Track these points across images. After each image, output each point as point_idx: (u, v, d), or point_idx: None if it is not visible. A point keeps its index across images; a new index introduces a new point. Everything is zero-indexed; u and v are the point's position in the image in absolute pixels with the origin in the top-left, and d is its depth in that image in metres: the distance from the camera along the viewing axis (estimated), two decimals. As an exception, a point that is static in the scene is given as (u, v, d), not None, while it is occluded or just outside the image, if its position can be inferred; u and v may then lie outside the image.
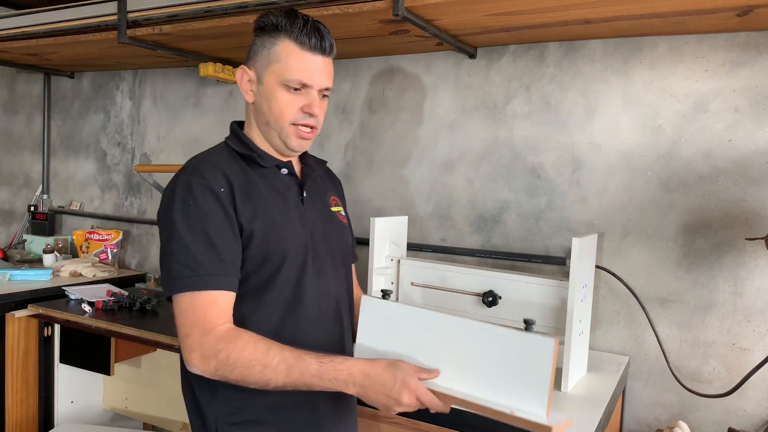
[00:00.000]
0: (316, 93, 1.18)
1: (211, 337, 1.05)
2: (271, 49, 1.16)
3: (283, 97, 1.16)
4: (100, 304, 2.30)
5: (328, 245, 1.27)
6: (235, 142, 1.23)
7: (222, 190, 1.12)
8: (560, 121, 2.00)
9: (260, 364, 1.03)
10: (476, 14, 1.72)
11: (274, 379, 1.04)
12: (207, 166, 1.16)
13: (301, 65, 1.14)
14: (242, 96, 2.78)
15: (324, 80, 1.18)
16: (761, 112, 1.72)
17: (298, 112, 1.17)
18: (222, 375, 1.05)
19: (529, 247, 2.06)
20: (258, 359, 1.04)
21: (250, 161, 1.21)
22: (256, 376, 1.04)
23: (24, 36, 2.50)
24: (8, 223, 3.62)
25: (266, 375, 1.03)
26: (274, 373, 1.03)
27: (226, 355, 1.04)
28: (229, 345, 1.04)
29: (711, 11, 1.57)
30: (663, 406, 1.86)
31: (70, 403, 2.48)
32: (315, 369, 1.04)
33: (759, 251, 1.72)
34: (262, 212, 1.16)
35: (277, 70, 1.15)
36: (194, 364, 1.06)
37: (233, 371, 1.04)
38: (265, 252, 1.15)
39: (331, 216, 1.32)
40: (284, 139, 1.20)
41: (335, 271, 1.29)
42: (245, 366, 1.03)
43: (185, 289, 1.07)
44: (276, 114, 1.17)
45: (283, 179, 1.25)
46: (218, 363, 1.04)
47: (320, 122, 1.22)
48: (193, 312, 1.06)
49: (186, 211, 1.10)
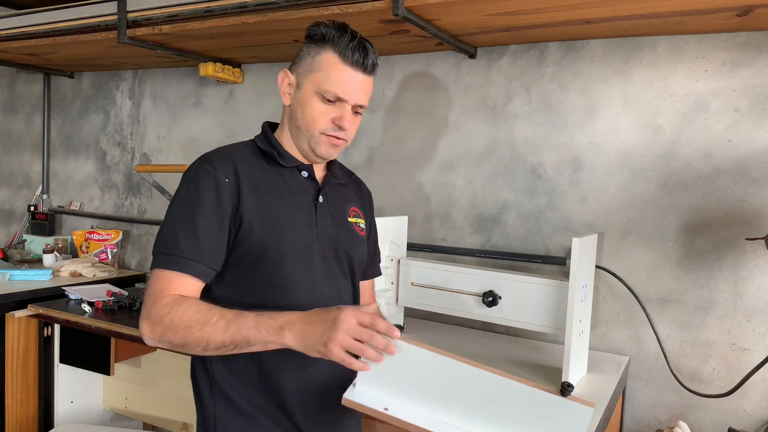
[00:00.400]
0: (349, 108, 1.19)
1: (159, 304, 1.07)
2: (315, 57, 1.18)
3: (316, 106, 1.18)
4: (100, 304, 2.30)
5: (337, 252, 1.27)
6: (261, 140, 1.26)
7: (226, 181, 1.14)
8: (560, 121, 2.00)
9: (199, 323, 1.04)
10: (476, 14, 1.72)
11: (213, 337, 1.03)
12: (221, 155, 1.19)
13: (339, 78, 1.16)
14: (242, 96, 2.79)
15: (359, 97, 1.19)
16: (761, 112, 1.72)
17: (329, 122, 1.19)
18: (168, 340, 1.06)
19: (529, 247, 2.06)
20: (197, 319, 1.04)
21: (271, 159, 1.24)
22: (195, 336, 1.04)
23: (24, 36, 2.50)
24: (8, 223, 3.62)
25: (205, 333, 1.03)
26: (213, 330, 1.03)
27: (170, 319, 1.05)
28: (173, 309, 1.06)
29: (711, 11, 1.57)
30: (663, 406, 1.86)
31: (70, 403, 2.48)
32: (252, 321, 1.03)
33: (759, 251, 1.72)
34: (266, 209, 1.17)
35: (316, 78, 1.17)
36: (145, 333, 1.08)
37: (177, 334, 1.05)
38: (262, 248, 1.16)
39: (347, 225, 1.31)
40: (313, 146, 1.22)
41: (342, 278, 1.28)
42: (186, 327, 1.04)
43: (157, 265, 1.12)
44: (308, 120, 1.19)
45: (301, 181, 1.26)
46: (163, 328, 1.06)
47: (350, 136, 1.22)
48: (153, 285, 1.10)
49: (185, 193, 1.15)
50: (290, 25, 1.93)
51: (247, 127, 2.69)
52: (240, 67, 2.67)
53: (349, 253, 1.29)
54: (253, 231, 1.15)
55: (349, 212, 1.34)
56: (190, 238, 1.11)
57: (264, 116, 2.64)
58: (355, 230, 1.33)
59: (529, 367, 1.74)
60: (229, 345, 1.04)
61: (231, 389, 1.18)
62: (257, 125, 2.73)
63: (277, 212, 1.18)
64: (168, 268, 1.10)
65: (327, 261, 1.24)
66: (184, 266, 1.10)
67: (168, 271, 1.10)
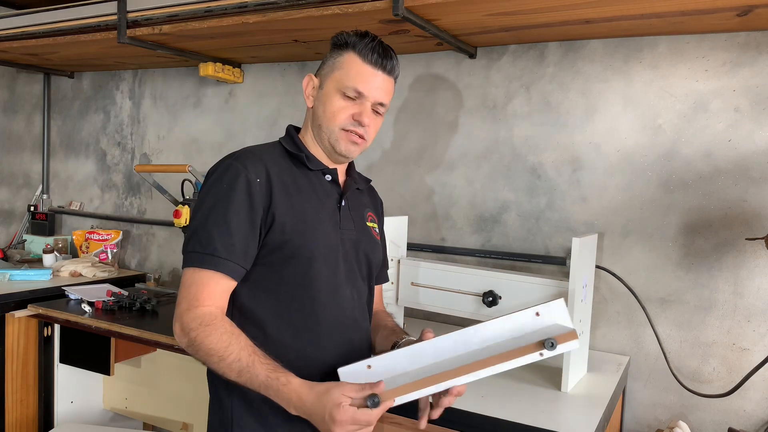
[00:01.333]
0: (368, 105, 1.22)
1: (192, 314, 1.11)
2: (337, 59, 1.23)
3: (337, 102, 1.22)
4: (100, 304, 2.30)
5: (358, 255, 1.29)
6: (287, 142, 1.29)
7: (258, 180, 1.16)
8: (560, 121, 2.00)
9: (217, 356, 1.08)
10: (476, 14, 1.72)
11: (228, 374, 1.09)
12: (251, 155, 1.21)
13: (359, 75, 1.21)
14: (242, 96, 2.78)
15: (379, 94, 1.23)
16: (761, 112, 1.72)
17: (349, 118, 1.22)
18: (192, 352, 1.12)
19: (529, 247, 2.06)
20: (216, 351, 1.08)
21: (298, 162, 1.26)
22: (214, 365, 1.10)
23: (24, 36, 2.50)
24: (8, 223, 3.62)
25: (222, 368, 1.08)
26: (228, 369, 1.08)
27: (194, 336, 1.09)
28: (199, 328, 1.09)
29: (711, 11, 1.57)
30: (663, 406, 1.85)
31: (70, 403, 2.48)
32: (263, 381, 1.07)
33: (759, 251, 1.72)
34: (297, 209, 1.19)
35: (337, 77, 1.22)
36: (176, 333, 1.13)
37: (197, 353, 1.11)
38: (293, 247, 1.18)
39: (366, 229, 1.35)
40: (333, 143, 1.25)
41: (361, 281, 1.31)
42: (206, 353, 1.09)
43: (191, 264, 1.13)
44: (329, 116, 1.23)
45: (326, 185, 1.28)
46: (189, 341, 1.10)
47: (370, 135, 1.25)
48: (189, 285, 1.13)
49: (217, 192, 1.16)
50: (290, 25, 1.93)
51: (247, 127, 2.69)
52: (240, 67, 2.67)
53: (369, 256, 1.32)
54: (285, 231, 1.17)
55: (367, 217, 1.38)
56: (224, 237, 1.12)
57: (264, 116, 2.64)
58: (373, 234, 1.37)
59: (529, 367, 1.74)
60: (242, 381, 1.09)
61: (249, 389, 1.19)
62: (257, 125, 2.75)
63: (307, 213, 1.21)
64: (203, 267, 1.12)
65: (349, 263, 1.26)
66: (218, 265, 1.12)
67: (203, 270, 1.12)
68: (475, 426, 1.38)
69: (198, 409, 2.31)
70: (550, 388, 1.57)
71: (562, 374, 1.55)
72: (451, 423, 1.40)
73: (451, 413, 1.40)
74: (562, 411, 1.44)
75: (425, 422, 1.13)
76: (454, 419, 1.40)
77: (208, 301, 1.12)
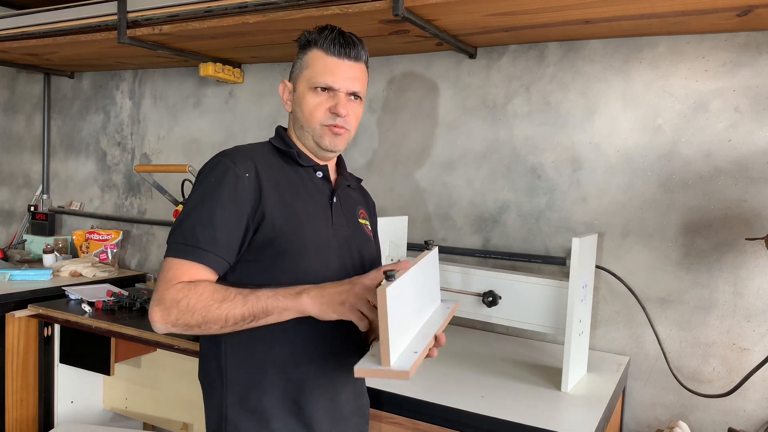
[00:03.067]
0: (343, 95, 1.23)
1: (173, 289, 1.09)
2: (303, 59, 1.26)
3: (311, 100, 1.23)
4: (100, 304, 2.30)
5: (351, 251, 1.30)
6: (277, 141, 1.31)
7: (247, 176, 1.17)
8: (560, 121, 2.00)
9: (218, 302, 1.07)
10: (476, 14, 1.72)
11: (232, 312, 1.07)
12: (241, 152, 1.22)
13: (326, 69, 1.22)
14: (242, 96, 2.79)
15: (349, 84, 1.23)
16: (761, 112, 1.72)
17: (326, 112, 1.23)
18: (184, 323, 1.08)
19: (529, 247, 2.06)
20: (216, 298, 1.08)
21: (289, 159, 1.27)
22: (214, 313, 1.07)
23: (24, 36, 2.50)
24: (8, 223, 3.62)
25: (224, 309, 1.07)
26: (232, 305, 1.07)
27: (187, 302, 1.07)
28: (189, 293, 1.08)
29: (711, 11, 1.57)
30: (663, 406, 1.85)
31: (70, 403, 2.48)
32: (270, 291, 1.08)
33: (759, 251, 1.72)
34: (287, 205, 1.20)
35: (306, 76, 1.24)
36: (156, 320, 1.09)
37: (194, 315, 1.07)
38: (284, 243, 1.18)
39: (358, 225, 1.35)
40: (317, 140, 1.26)
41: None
42: (204, 307, 1.07)
43: (172, 254, 1.13)
44: (307, 116, 1.24)
45: (317, 182, 1.29)
46: (179, 311, 1.07)
47: (351, 124, 1.26)
48: (166, 272, 1.12)
49: (205, 187, 1.17)
50: (290, 25, 1.93)
51: (247, 127, 2.69)
52: (240, 67, 2.67)
53: (362, 253, 1.33)
54: (275, 226, 1.17)
55: (359, 214, 1.38)
56: (207, 229, 1.13)
57: (264, 116, 2.64)
58: (366, 231, 1.38)
59: (529, 367, 1.74)
60: (248, 317, 1.08)
61: (244, 386, 1.19)
62: (257, 125, 2.75)
63: (298, 209, 1.21)
64: (183, 258, 1.12)
65: (342, 259, 1.26)
66: (199, 257, 1.11)
67: (183, 260, 1.12)
68: (475, 426, 1.38)
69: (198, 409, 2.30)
70: (550, 388, 1.57)
71: (562, 374, 1.55)
72: (451, 423, 1.41)
73: (451, 413, 1.41)
74: (562, 411, 1.44)
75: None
76: (454, 419, 1.40)
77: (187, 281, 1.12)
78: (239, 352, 1.19)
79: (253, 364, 1.19)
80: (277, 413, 1.18)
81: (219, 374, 1.21)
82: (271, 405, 1.18)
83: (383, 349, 0.97)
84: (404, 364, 0.98)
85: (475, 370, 1.70)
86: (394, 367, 0.97)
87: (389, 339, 0.95)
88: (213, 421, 1.23)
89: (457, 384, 1.57)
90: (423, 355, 1.04)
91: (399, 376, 0.96)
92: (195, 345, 1.92)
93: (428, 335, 1.11)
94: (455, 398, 1.45)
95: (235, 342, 1.19)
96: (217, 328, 1.08)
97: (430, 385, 1.53)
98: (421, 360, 1.02)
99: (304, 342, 1.19)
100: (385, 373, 0.97)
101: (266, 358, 1.18)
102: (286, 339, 1.18)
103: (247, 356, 1.18)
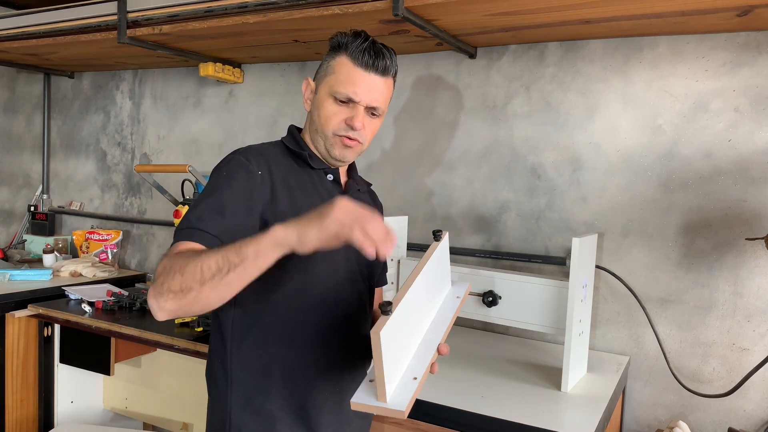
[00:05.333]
0: (362, 109, 1.21)
1: (165, 259, 1.02)
2: (330, 62, 1.22)
3: (330, 107, 1.21)
4: (100, 304, 2.30)
5: (358, 255, 1.27)
6: (289, 141, 1.29)
7: (259, 173, 1.16)
8: (560, 121, 2.00)
9: (194, 256, 0.98)
10: (476, 14, 1.72)
11: (207, 262, 0.95)
12: (254, 150, 1.21)
13: (350, 79, 1.19)
14: (242, 95, 2.79)
15: (371, 98, 1.20)
16: (761, 112, 1.72)
17: (342, 123, 1.21)
18: (168, 287, 0.97)
19: (529, 247, 2.06)
20: (193, 255, 0.99)
21: (300, 160, 1.26)
22: (190, 267, 0.96)
23: (24, 36, 2.50)
24: (8, 223, 3.62)
25: (199, 262, 0.95)
26: (206, 255, 0.96)
27: (170, 265, 0.99)
28: (173, 258, 1.01)
29: (711, 11, 1.57)
30: (663, 406, 1.86)
31: (70, 403, 2.48)
32: (245, 239, 0.97)
33: (759, 251, 1.72)
34: (298, 205, 1.18)
35: (329, 81, 1.21)
36: (150, 296, 1.00)
37: (174, 276, 0.96)
38: None
39: None
40: (328, 148, 1.24)
41: (361, 281, 1.30)
42: (182, 265, 0.97)
43: (177, 239, 1.07)
44: (322, 122, 1.22)
45: (327, 184, 1.28)
46: (164, 277, 0.97)
47: (365, 138, 1.24)
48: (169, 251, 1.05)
49: (217, 180, 1.15)
50: (290, 25, 1.93)
51: (247, 127, 2.69)
52: (240, 67, 2.67)
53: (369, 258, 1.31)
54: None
55: None
56: (216, 218, 1.10)
57: (264, 116, 2.64)
58: None
59: (529, 367, 1.74)
60: (223, 267, 0.95)
61: (249, 387, 1.19)
62: (257, 125, 2.75)
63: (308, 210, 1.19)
64: (190, 240, 1.06)
65: (350, 263, 1.26)
66: (203, 239, 1.06)
67: (189, 242, 1.06)
68: (475, 426, 1.38)
69: (198, 409, 2.31)
70: (550, 388, 1.57)
71: (562, 374, 1.55)
72: (451, 423, 1.41)
73: (451, 413, 1.41)
74: (562, 411, 1.44)
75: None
76: (454, 419, 1.40)
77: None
78: (244, 351, 1.18)
79: (258, 367, 1.18)
80: (283, 417, 1.18)
81: (224, 374, 1.21)
82: (277, 408, 1.18)
83: (379, 384, 0.93)
84: (401, 399, 0.95)
85: (475, 370, 1.70)
86: (390, 405, 0.93)
87: (384, 377, 0.92)
88: (216, 420, 1.23)
89: (457, 384, 1.57)
90: (424, 379, 1.00)
91: (394, 414, 0.93)
92: (195, 345, 1.92)
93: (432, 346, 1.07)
94: (455, 398, 1.45)
95: (240, 342, 1.18)
96: (197, 285, 0.95)
97: (430, 385, 1.53)
98: (422, 384, 0.99)
99: (309, 345, 1.19)
100: (380, 409, 0.94)
101: (272, 361, 1.18)
102: (291, 342, 1.18)
103: (253, 358, 1.18)
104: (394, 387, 0.97)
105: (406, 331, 1.04)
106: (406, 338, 1.03)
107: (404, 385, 0.98)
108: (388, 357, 0.93)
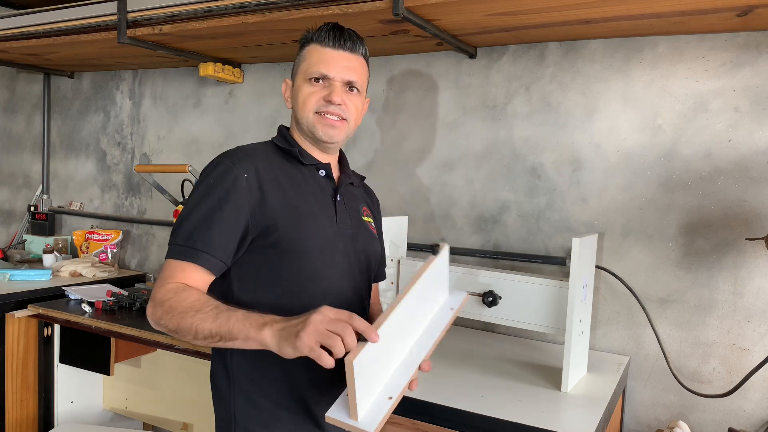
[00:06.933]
0: (338, 84, 1.23)
1: (164, 288, 1.10)
2: (301, 54, 1.27)
3: (306, 89, 1.24)
4: (100, 304, 2.30)
5: (356, 249, 1.29)
6: (279, 140, 1.30)
7: (246, 176, 1.16)
8: (560, 121, 2.00)
9: (193, 310, 1.05)
10: (476, 14, 1.72)
11: (202, 325, 1.03)
12: (241, 153, 1.22)
13: (320, 59, 1.23)
14: (242, 95, 2.78)
15: (344, 73, 1.23)
16: (761, 112, 1.72)
17: (319, 100, 1.23)
18: (164, 324, 1.08)
19: (529, 247, 2.06)
20: (193, 307, 1.05)
21: (291, 157, 1.27)
22: (187, 322, 1.04)
23: (24, 36, 2.50)
24: (8, 223, 3.62)
25: (196, 321, 1.03)
26: (203, 318, 1.03)
27: (170, 304, 1.07)
28: (175, 295, 1.08)
29: (711, 11, 1.57)
30: (663, 406, 1.85)
31: (70, 403, 2.48)
32: (241, 315, 1.02)
33: (759, 251, 1.72)
34: (290, 203, 1.19)
35: (303, 69, 1.25)
36: (148, 314, 1.11)
37: (172, 319, 1.06)
38: (288, 242, 1.17)
39: (362, 223, 1.35)
40: (312, 130, 1.25)
41: (359, 274, 1.30)
42: (181, 313, 1.05)
43: (171, 256, 1.14)
44: (301, 105, 1.25)
45: (320, 180, 1.29)
46: (162, 311, 1.08)
47: (349, 114, 1.25)
48: (163, 272, 1.13)
49: (204, 187, 1.17)
50: (290, 25, 1.93)
51: (247, 127, 2.69)
52: (240, 67, 2.67)
53: (367, 250, 1.32)
54: (278, 225, 1.17)
55: (363, 211, 1.37)
56: (204, 230, 1.13)
57: (264, 116, 2.64)
58: (370, 229, 1.37)
59: (529, 367, 1.74)
60: (215, 336, 1.03)
61: (250, 385, 1.19)
62: (257, 125, 2.75)
63: (301, 207, 1.21)
64: (179, 259, 1.13)
65: (347, 256, 1.26)
66: (195, 257, 1.12)
67: (179, 261, 1.13)
68: (475, 426, 1.38)
69: (198, 409, 2.31)
70: (550, 388, 1.57)
71: (562, 374, 1.55)
72: (451, 423, 1.41)
73: (451, 413, 1.41)
74: (562, 411, 1.44)
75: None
76: (454, 419, 1.40)
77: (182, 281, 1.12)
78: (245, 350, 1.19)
79: (259, 364, 1.19)
80: (285, 413, 1.18)
81: (226, 373, 1.21)
82: (279, 403, 1.18)
83: (351, 405, 0.94)
84: (372, 419, 0.95)
85: (475, 370, 1.70)
86: (360, 425, 0.95)
87: (356, 400, 0.93)
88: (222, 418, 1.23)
89: (457, 384, 1.57)
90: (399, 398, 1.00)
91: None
92: (195, 345, 1.92)
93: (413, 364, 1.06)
94: (455, 398, 1.45)
95: None
96: (190, 338, 1.05)
97: (430, 385, 1.53)
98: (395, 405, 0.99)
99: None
100: (351, 427, 0.96)
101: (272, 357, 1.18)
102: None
103: (253, 354, 1.18)
104: (368, 406, 0.97)
105: (387, 352, 1.02)
106: (385, 358, 1.02)
107: (378, 404, 0.98)
108: (361, 382, 0.93)
